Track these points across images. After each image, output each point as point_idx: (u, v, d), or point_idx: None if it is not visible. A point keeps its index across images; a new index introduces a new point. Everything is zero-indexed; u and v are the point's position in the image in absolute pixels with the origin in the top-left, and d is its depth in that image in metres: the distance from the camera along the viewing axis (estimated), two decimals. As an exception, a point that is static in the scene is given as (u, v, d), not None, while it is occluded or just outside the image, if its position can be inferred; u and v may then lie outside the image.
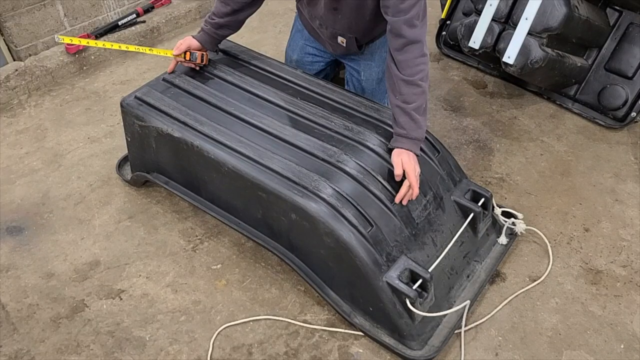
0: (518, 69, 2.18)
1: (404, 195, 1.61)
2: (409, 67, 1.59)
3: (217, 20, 1.87)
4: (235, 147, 1.68)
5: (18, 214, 2.00)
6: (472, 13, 2.34)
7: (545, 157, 2.27)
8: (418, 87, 1.60)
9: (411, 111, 1.61)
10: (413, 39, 1.58)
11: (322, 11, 1.86)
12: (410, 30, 1.57)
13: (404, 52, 1.59)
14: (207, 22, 1.90)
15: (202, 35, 1.91)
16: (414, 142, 1.63)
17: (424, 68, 1.60)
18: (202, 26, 1.92)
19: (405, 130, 1.63)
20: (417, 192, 1.62)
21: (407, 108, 1.61)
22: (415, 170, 1.61)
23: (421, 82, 1.60)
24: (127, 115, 1.89)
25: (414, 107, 1.60)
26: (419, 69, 1.59)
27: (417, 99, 1.60)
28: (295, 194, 1.56)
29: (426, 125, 1.66)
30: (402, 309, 1.54)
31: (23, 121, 2.40)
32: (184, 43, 1.88)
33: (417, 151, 1.64)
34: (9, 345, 1.62)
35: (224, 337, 1.65)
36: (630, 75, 2.34)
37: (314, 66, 2.15)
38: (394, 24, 1.59)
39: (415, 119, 1.61)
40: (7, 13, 2.44)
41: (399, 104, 1.62)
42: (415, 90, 1.60)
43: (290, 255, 1.71)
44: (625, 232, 1.97)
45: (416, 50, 1.59)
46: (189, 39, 1.90)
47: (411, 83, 1.59)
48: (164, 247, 1.90)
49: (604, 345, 1.64)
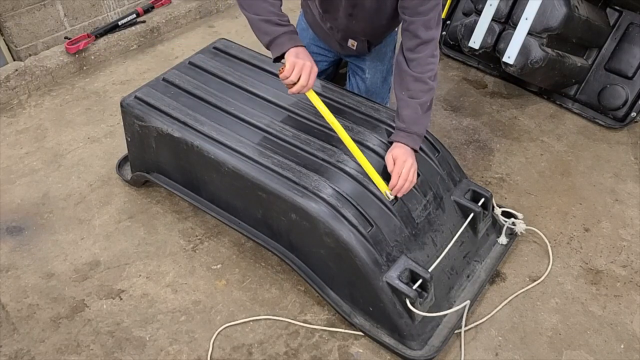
0: (518, 69, 2.18)
1: (396, 185, 1.59)
2: (420, 66, 1.60)
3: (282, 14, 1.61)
4: (235, 147, 1.68)
5: (18, 214, 2.00)
6: (472, 13, 2.34)
7: (545, 157, 2.27)
8: (426, 84, 1.61)
9: (416, 105, 1.61)
10: (427, 39, 1.58)
11: (340, 17, 1.80)
12: (427, 31, 1.58)
13: (417, 51, 1.60)
14: (283, 22, 1.58)
15: (298, 38, 1.60)
16: (411, 136, 1.63)
17: (434, 67, 1.62)
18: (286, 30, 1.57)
19: (405, 124, 1.63)
20: (409, 185, 1.60)
21: (411, 102, 1.62)
22: (407, 162, 1.59)
23: (430, 80, 1.61)
24: (127, 115, 1.89)
25: (419, 102, 1.61)
26: (429, 67, 1.61)
27: (423, 95, 1.61)
28: (295, 194, 1.56)
29: (428, 124, 1.66)
30: (402, 309, 1.54)
31: (23, 121, 2.40)
32: (315, 73, 1.56)
33: (414, 146, 1.63)
34: (9, 345, 1.62)
35: (224, 337, 1.65)
36: (630, 75, 2.34)
37: (317, 65, 2.14)
38: (411, 24, 1.59)
39: (418, 113, 1.62)
40: (7, 13, 2.44)
41: (404, 98, 1.63)
42: (422, 87, 1.61)
43: (290, 255, 1.71)
44: (625, 232, 1.97)
45: (428, 49, 1.60)
46: (310, 57, 1.56)
47: (420, 80, 1.60)
48: (164, 247, 1.90)
49: (604, 345, 1.64)
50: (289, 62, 1.52)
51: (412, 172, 1.59)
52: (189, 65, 2.00)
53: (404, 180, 1.58)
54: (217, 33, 2.94)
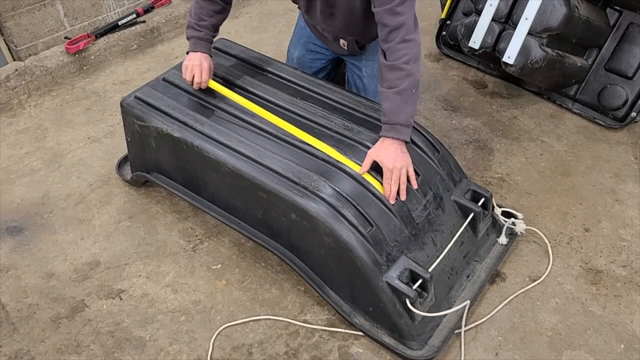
0: (518, 69, 2.18)
1: (390, 193, 1.58)
2: (392, 53, 1.59)
3: (209, 20, 1.84)
4: (235, 147, 1.68)
5: (18, 214, 2.00)
6: (472, 13, 2.34)
7: (545, 157, 2.27)
8: (401, 70, 1.57)
9: (394, 95, 1.59)
10: (395, 26, 1.57)
11: (319, 18, 1.87)
12: (393, 17, 1.56)
13: (388, 40, 1.59)
14: (199, 27, 1.84)
15: (203, 44, 1.85)
16: (395, 127, 1.59)
17: (408, 52, 1.58)
18: (195, 35, 1.84)
19: (386, 117, 1.61)
20: (403, 186, 1.59)
21: (389, 93, 1.59)
22: (395, 167, 1.57)
23: (405, 64, 1.57)
24: (127, 115, 1.89)
25: (397, 91, 1.58)
26: (402, 53, 1.57)
27: (401, 82, 1.58)
28: (295, 194, 1.56)
29: (412, 112, 1.61)
30: (402, 309, 1.54)
31: (23, 121, 2.40)
32: (207, 69, 1.82)
33: (402, 137, 1.60)
34: (9, 345, 1.62)
35: (224, 337, 1.65)
36: (630, 75, 2.34)
37: (315, 63, 2.16)
38: (377, 14, 1.60)
39: (397, 103, 1.58)
40: (7, 13, 2.44)
41: (384, 91, 1.61)
42: (398, 74, 1.58)
43: (290, 255, 1.71)
44: (625, 232, 1.97)
45: (399, 35, 1.57)
46: (202, 59, 1.83)
47: (394, 67, 1.58)
48: (164, 247, 1.90)
49: (604, 345, 1.64)
50: (183, 66, 1.85)
51: (403, 172, 1.59)
52: (189, 65, 2.00)
53: (396, 185, 1.58)
54: (217, 33, 2.94)
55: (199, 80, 1.82)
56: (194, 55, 1.83)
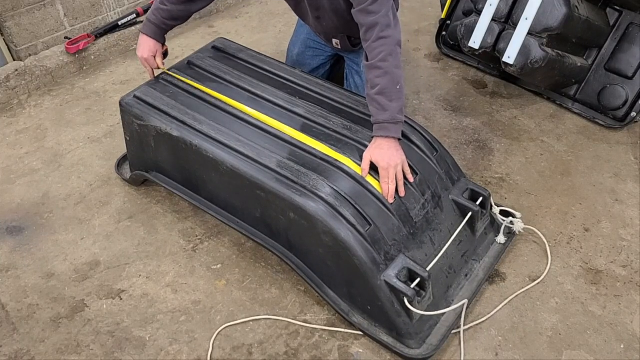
0: (518, 69, 2.18)
1: (388, 192, 1.59)
2: (370, 52, 1.59)
3: (170, 7, 1.83)
4: (234, 146, 1.68)
5: (18, 214, 2.00)
6: (472, 13, 2.34)
7: (545, 157, 2.27)
8: (378, 69, 1.58)
9: (375, 94, 1.59)
10: (370, 25, 1.57)
11: (310, 21, 1.91)
12: (367, 17, 1.57)
13: (365, 39, 1.60)
14: (157, 11, 1.83)
15: (151, 27, 1.86)
16: (383, 126, 1.59)
17: (383, 49, 1.57)
18: (147, 17, 1.86)
19: (374, 117, 1.62)
20: (401, 183, 1.59)
21: (371, 93, 1.60)
22: (390, 166, 1.57)
23: (381, 62, 1.57)
24: (126, 115, 1.89)
25: (377, 91, 1.58)
26: (378, 51, 1.57)
27: (380, 81, 1.58)
28: (293, 193, 1.56)
29: (399, 108, 1.60)
30: (400, 307, 1.54)
31: (23, 121, 2.40)
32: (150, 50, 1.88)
33: (392, 135, 1.59)
34: (9, 345, 1.63)
35: (224, 337, 1.65)
36: (630, 75, 2.34)
37: (314, 60, 2.18)
38: (354, 15, 1.62)
39: (380, 103, 1.58)
40: (7, 13, 2.44)
41: (368, 92, 1.62)
42: (376, 73, 1.58)
43: (289, 254, 1.71)
44: (625, 232, 1.97)
45: (374, 34, 1.58)
46: (147, 41, 1.88)
47: (372, 67, 1.59)
48: (164, 247, 1.90)
49: (604, 345, 1.64)
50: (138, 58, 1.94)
51: (399, 170, 1.59)
52: (188, 64, 2.01)
53: (393, 183, 1.58)
54: (217, 33, 2.94)
55: (152, 72, 1.94)
56: (141, 40, 1.90)
